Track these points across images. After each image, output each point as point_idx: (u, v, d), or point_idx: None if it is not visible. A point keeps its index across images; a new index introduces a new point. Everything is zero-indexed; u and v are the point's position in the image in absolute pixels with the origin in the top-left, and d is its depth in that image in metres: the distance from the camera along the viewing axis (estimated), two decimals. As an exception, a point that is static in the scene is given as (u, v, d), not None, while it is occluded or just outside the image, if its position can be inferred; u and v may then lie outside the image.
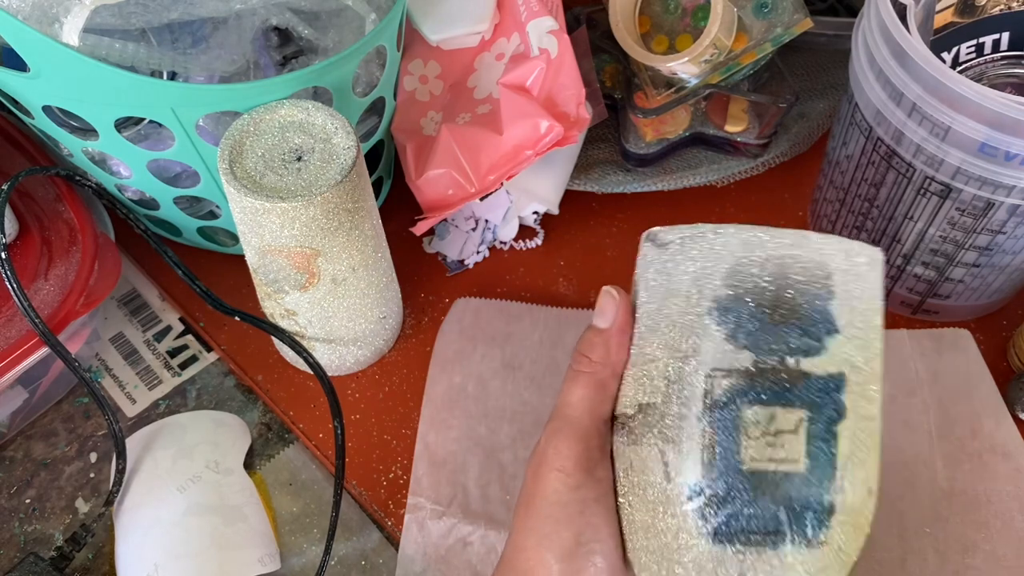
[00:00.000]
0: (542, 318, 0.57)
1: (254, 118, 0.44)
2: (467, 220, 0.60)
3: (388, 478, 0.51)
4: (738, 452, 0.30)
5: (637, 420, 0.32)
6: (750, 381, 0.30)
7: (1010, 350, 0.54)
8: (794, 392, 0.30)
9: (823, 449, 0.30)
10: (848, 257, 0.32)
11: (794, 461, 0.29)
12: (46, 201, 0.53)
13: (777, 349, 0.30)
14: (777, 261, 0.31)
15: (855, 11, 0.69)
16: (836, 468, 0.30)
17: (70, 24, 0.42)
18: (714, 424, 0.30)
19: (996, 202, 0.45)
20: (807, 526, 0.30)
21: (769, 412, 0.30)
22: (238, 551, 0.47)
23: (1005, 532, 0.47)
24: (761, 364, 0.30)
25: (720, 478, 0.30)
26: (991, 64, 0.54)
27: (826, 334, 0.30)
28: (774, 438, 0.30)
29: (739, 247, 0.32)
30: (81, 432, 0.53)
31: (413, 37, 0.60)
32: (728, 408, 0.30)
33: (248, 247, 0.47)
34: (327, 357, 0.53)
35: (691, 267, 0.32)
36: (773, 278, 0.31)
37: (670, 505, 0.31)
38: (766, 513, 0.29)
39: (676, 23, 0.57)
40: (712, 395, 0.30)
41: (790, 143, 0.62)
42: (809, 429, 0.30)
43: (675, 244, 0.33)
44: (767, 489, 0.29)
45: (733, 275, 0.31)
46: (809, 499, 0.30)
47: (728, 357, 0.30)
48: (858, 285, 0.31)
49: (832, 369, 0.30)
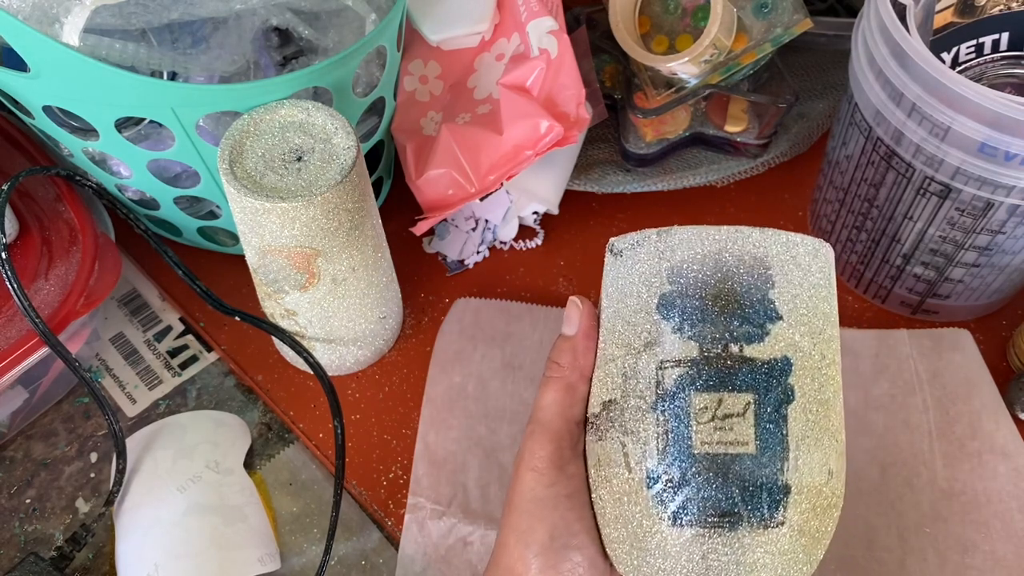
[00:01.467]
0: (542, 318, 0.57)
1: (254, 118, 0.44)
2: (467, 220, 0.60)
3: (388, 478, 0.51)
4: (690, 437, 0.31)
5: (602, 417, 0.34)
6: (697, 369, 0.32)
7: (1010, 350, 0.54)
8: (739, 377, 0.31)
9: (773, 431, 0.31)
10: (787, 248, 0.33)
11: (744, 444, 0.31)
12: (46, 201, 0.53)
13: (720, 337, 0.32)
14: (716, 256, 0.33)
15: (855, 11, 0.69)
16: (788, 449, 0.31)
17: (70, 24, 0.42)
18: (666, 412, 0.32)
19: (996, 202, 0.45)
20: (762, 506, 0.30)
21: (716, 397, 0.31)
22: (238, 551, 0.47)
23: (1005, 532, 0.47)
24: (706, 352, 0.32)
25: (674, 463, 0.31)
26: (991, 64, 0.54)
27: (768, 321, 0.32)
28: (723, 422, 0.31)
29: (680, 245, 0.34)
30: (81, 432, 0.53)
31: (413, 37, 0.60)
32: (678, 396, 0.31)
33: (248, 247, 0.47)
34: (327, 357, 0.53)
35: (639, 268, 0.35)
36: (713, 271, 0.33)
37: (633, 493, 0.32)
38: (720, 495, 0.30)
39: (676, 23, 0.57)
40: (663, 385, 0.32)
41: (790, 143, 0.62)
42: (757, 412, 0.31)
43: (627, 250, 0.36)
44: (720, 472, 0.31)
45: (676, 272, 0.33)
46: (761, 479, 0.30)
47: (676, 348, 0.32)
48: (799, 273, 0.33)
49: (776, 354, 0.31)
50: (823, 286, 0.33)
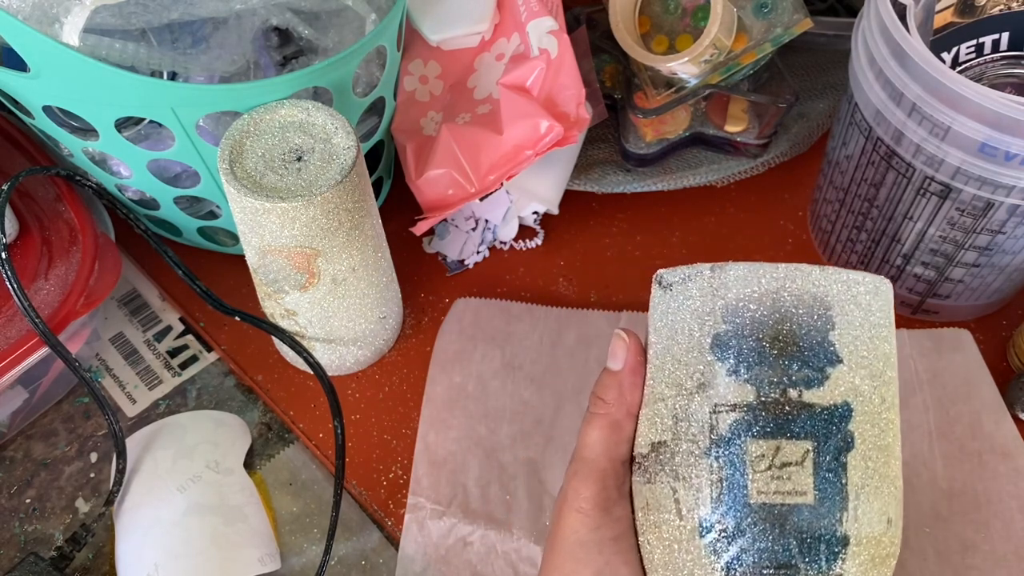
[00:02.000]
0: (542, 318, 0.57)
1: (254, 118, 0.44)
2: (467, 220, 0.60)
3: (388, 478, 0.51)
4: (745, 486, 0.30)
5: (651, 459, 0.33)
6: (754, 414, 0.30)
7: (1010, 350, 0.54)
8: (798, 424, 0.30)
9: (832, 480, 0.30)
10: (848, 287, 0.32)
11: (802, 493, 0.29)
12: (46, 201, 0.53)
13: (778, 381, 0.30)
14: (774, 295, 0.31)
15: (855, 11, 0.69)
16: (847, 499, 0.30)
17: (70, 24, 0.42)
18: (721, 459, 0.30)
19: (996, 202, 0.45)
20: (820, 558, 0.29)
21: (774, 445, 0.30)
22: (238, 551, 0.47)
23: (1005, 532, 0.47)
24: (763, 397, 0.30)
25: (729, 512, 0.30)
26: (991, 64, 0.54)
27: (828, 364, 0.30)
28: (780, 471, 0.30)
29: (736, 283, 0.32)
30: (81, 432, 0.53)
31: (413, 37, 0.60)
32: (733, 442, 0.30)
33: (248, 247, 0.47)
34: (327, 357, 0.53)
35: (691, 305, 0.33)
36: (771, 312, 0.31)
37: (684, 541, 0.31)
38: (777, 547, 0.29)
39: (676, 23, 0.57)
40: (717, 430, 0.30)
41: (790, 143, 0.62)
42: (816, 460, 0.30)
43: (677, 284, 0.34)
44: (777, 522, 0.29)
45: (731, 311, 0.32)
46: (820, 531, 0.29)
47: (731, 392, 0.31)
48: (860, 314, 0.31)
49: (836, 399, 0.30)
50: (883, 326, 0.32)
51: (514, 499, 0.49)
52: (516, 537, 0.48)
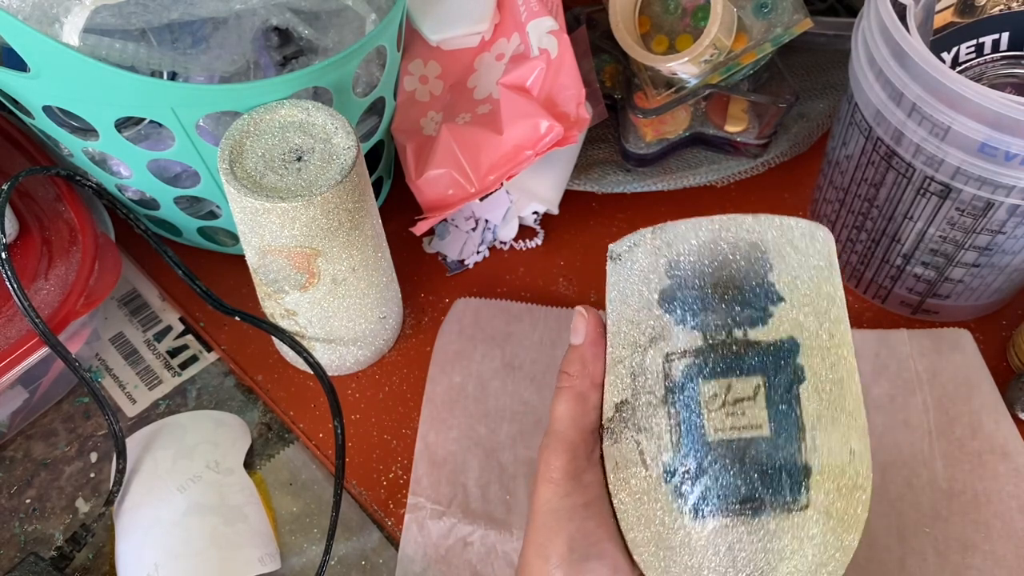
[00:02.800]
0: (542, 318, 0.57)
1: (254, 118, 0.44)
2: (467, 220, 0.60)
3: (388, 478, 0.51)
4: (702, 426, 0.30)
5: (615, 420, 0.34)
6: (703, 358, 0.31)
7: (1010, 350, 0.54)
8: (746, 361, 0.31)
9: (786, 412, 0.30)
10: (783, 232, 0.32)
11: (758, 427, 0.30)
12: (46, 201, 0.53)
13: (723, 324, 0.31)
14: (711, 245, 0.32)
15: (855, 11, 0.69)
16: (804, 429, 0.30)
17: (70, 24, 0.42)
18: (676, 404, 0.31)
19: (996, 202, 0.45)
20: (784, 489, 0.30)
21: (725, 383, 0.30)
22: (238, 551, 0.47)
23: (1005, 532, 0.47)
24: (710, 340, 0.31)
25: (690, 454, 0.30)
26: (991, 64, 0.54)
27: (769, 303, 0.31)
28: (734, 407, 0.30)
29: (676, 239, 0.33)
30: (81, 432, 0.53)
31: (413, 37, 0.60)
32: (687, 387, 0.31)
33: (248, 247, 0.47)
34: (327, 357, 0.53)
35: (638, 267, 0.34)
36: (710, 261, 0.32)
37: (651, 491, 0.31)
38: (739, 481, 0.30)
39: (676, 23, 0.57)
40: (671, 377, 0.31)
41: (790, 143, 0.62)
42: (768, 394, 0.30)
43: (625, 253, 0.35)
44: (736, 457, 0.30)
45: (673, 265, 0.33)
46: (779, 461, 0.30)
47: (680, 340, 0.32)
48: (797, 256, 0.32)
49: (781, 335, 0.31)
50: (824, 267, 0.33)
51: (514, 499, 0.49)
52: (516, 537, 0.48)
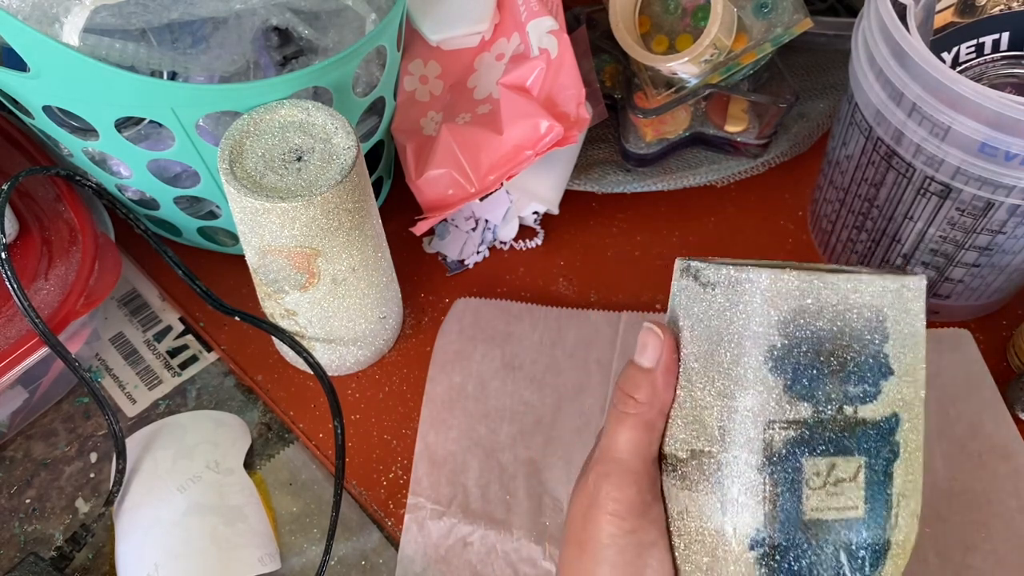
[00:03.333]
0: (542, 318, 0.57)
1: (254, 118, 0.44)
2: (467, 220, 0.60)
3: (388, 478, 0.51)
4: (799, 503, 0.30)
5: (691, 466, 0.32)
6: (809, 432, 0.30)
7: (1010, 350, 0.54)
8: (852, 440, 0.30)
9: (879, 491, 0.30)
10: (900, 295, 0.31)
11: (854, 508, 0.30)
12: (46, 201, 0.53)
13: (836, 398, 0.30)
14: (832, 307, 0.30)
15: (855, 11, 0.69)
16: (891, 507, 0.30)
17: (70, 24, 0.42)
18: (775, 476, 0.30)
19: (996, 202, 0.45)
20: (865, 566, 0.30)
21: (829, 462, 0.30)
22: (238, 551, 0.47)
23: (1005, 532, 0.47)
24: (820, 415, 0.30)
25: (781, 528, 0.30)
26: (991, 64, 0.54)
27: (882, 378, 0.30)
28: (835, 487, 0.30)
29: (794, 294, 0.31)
30: (81, 432, 0.53)
31: (413, 37, 0.60)
32: (788, 460, 0.30)
33: (248, 247, 0.47)
34: (327, 357, 0.53)
35: (742, 311, 0.31)
36: (828, 325, 0.30)
37: (730, 553, 0.30)
38: (825, 559, 0.29)
39: (676, 23, 0.57)
40: (772, 447, 0.30)
41: (790, 143, 0.62)
42: (867, 475, 0.30)
43: (722, 285, 0.32)
44: (828, 536, 0.30)
45: (788, 323, 0.30)
46: (867, 541, 0.30)
47: (786, 408, 0.30)
48: (908, 320, 0.31)
49: (888, 412, 0.30)
50: (921, 329, 0.31)
51: (514, 499, 0.49)
52: (516, 537, 0.48)
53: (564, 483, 0.49)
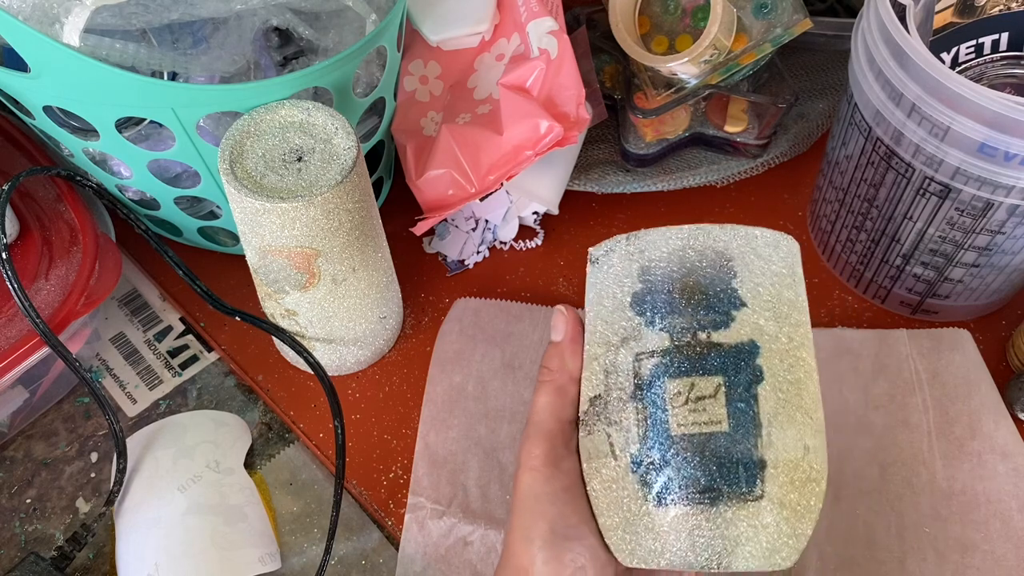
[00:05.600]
0: (542, 318, 0.57)
1: (254, 118, 0.44)
2: (467, 220, 0.61)
3: (388, 478, 0.51)
4: (667, 421, 0.33)
5: (589, 413, 0.36)
6: (669, 358, 0.34)
7: (1009, 350, 0.54)
8: (708, 361, 0.33)
9: (744, 410, 0.32)
10: (748, 242, 0.36)
11: (717, 423, 0.32)
12: (47, 201, 0.53)
13: (689, 327, 0.34)
14: (680, 253, 0.36)
15: (855, 11, 0.69)
16: (760, 426, 0.32)
17: (71, 24, 0.42)
18: (644, 400, 0.34)
19: (995, 202, 0.45)
20: (740, 480, 0.32)
21: (689, 382, 0.33)
22: (238, 551, 0.47)
23: (1004, 532, 0.47)
24: (677, 341, 0.34)
25: (654, 446, 0.33)
26: (991, 64, 0.54)
27: (732, 308, 0.34)
28: (696, 404, 0.33)
29: (648, 247, 0.36)
30: (82, 432, 0.54)
31: (413, 37, 0.60)
32: (654, 384, 0.33)
33: (248, 247, 0.47)
34: (327, 357, 0.53)
35: (613, 271, 0.37)
36: (679, 267, 0.35)
37: (620, 480, 0.34)
38: (699, 472, 0.32)
39: (676, 23, 0.58)
40: (640, 375, 0.34)
41: (790, 143, 0.62)
42: (728, 393, 0.33)
43: (602, 257, 0.38)
44: (697, 450, 0.32)
45: (645, 271, 0.36)
46: (737, 455, 0.32)
47: (649, 341, 0.34)
48: (760, 264, 0.35)
49: (742, 338, 0.33)
50: (786, 275, 0.35)
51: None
52: (516, 537, 0.48)
53: (564, 483, 0.50)
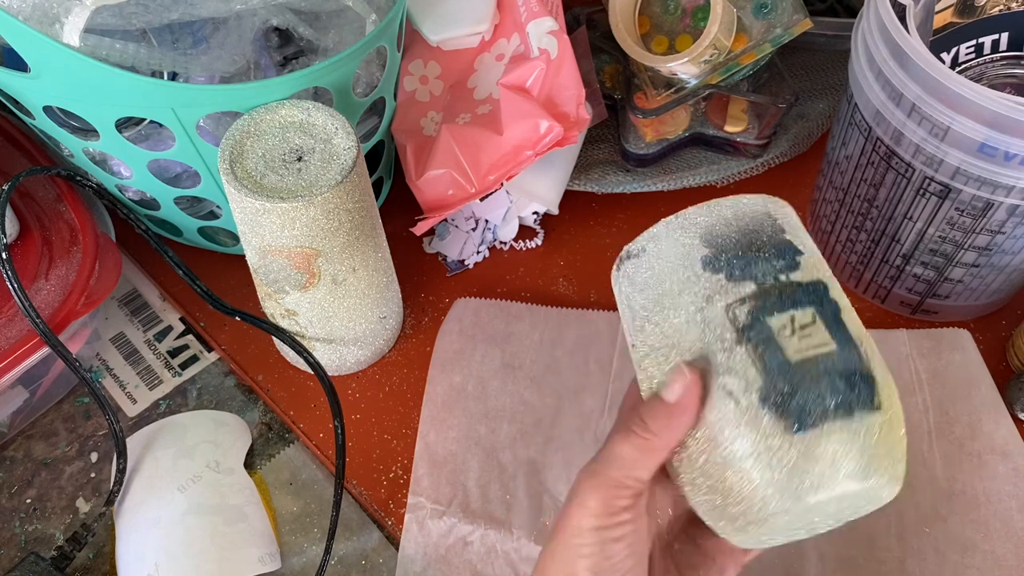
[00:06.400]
0: (542, 318, 0.57)
1: (254, 118, 0.44)
2: (467, 220, 0.61)
3: (388, 478, 0.51)
4: (783, 352, 0.33)
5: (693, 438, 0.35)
6: (762, 300, 0.35)
7: (1009, 350, 0.54)
8: (797, 296, 0.35)
9: (841, 332, 0.34)
10: (773, 204, 0.38)
11: (826, 343, 0.33)
12: (47, 201, 0.53)
13: (769, 271, 0.35)
14: (731, 219, 0.37)
15: (855, 11, 0.69)
16: (858, 346, 0.34)
17: (71, 24, 0.42)
18: (752, 340, 0.34)
19: (995, 202, 0.45)
20: (860, 390, 0.33)
21: (788, 315, 0.34)
22: (238, 551, 0.47)
23: (1004, 532, 0.47)
24: (762, 286, 0.35)
25: (779, 377, 0.33)
26: (990, 64, 0.54)
27: (796, 255, 0.36)
28: (802, 331, 0.34)
29: (700, 218, 0.38)
30: (82, 432, 0.54)
31: (413, 37, 0.60)
32: (756, 325, 0.34)
33: (248, 247, 0.47)
34: (327, 357, 0.53)
35: (670, 249, 0.37)
36: (737, 228, 0.37)
37: (753, 421, 0.33)
38: (828, 390, 0.33)
39: (676, 23, 0.58)
40: (738, 322, 0.34)
41: (790, 143, 0.62)
42: (824, 320, 0.34)
43: (649, 245, 0.38)
44: (818, 372, 0.33)
45: (707, 240, 0.37)
46: (852, 368, 0.33)
47: (735, 291, 0.35)
48: (790, 221, 0.37)
49: (814, 277, 0.35)
50: (801, 227, 0.38)
51: (514, 499, 0.49)
52: (516, 537, 0.48)
53: (564, 482, 0.50)
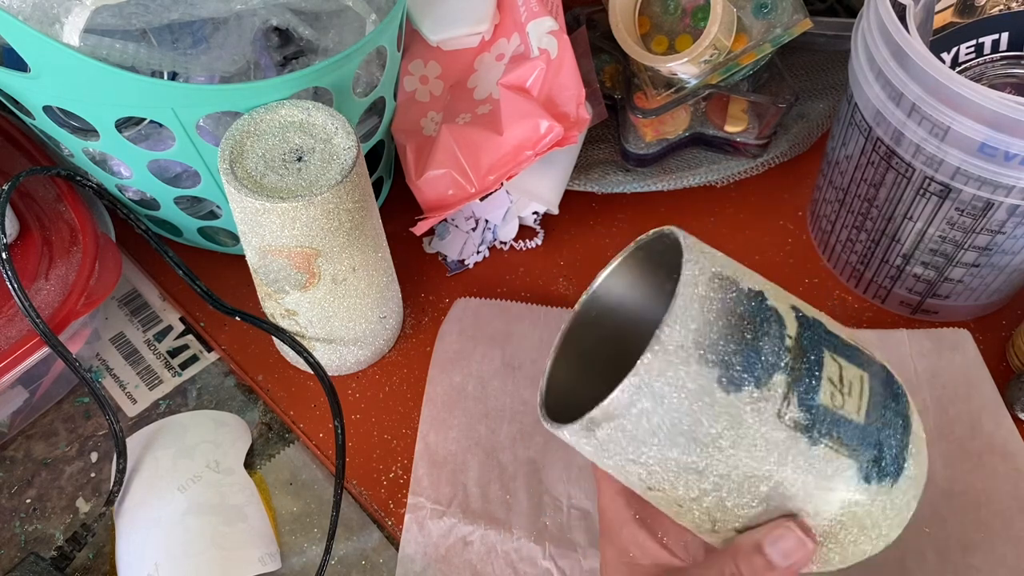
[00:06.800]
0: (542, 318, 0.57)
1: (254, 118, 0.44)
2: (467, 220, 0.60)
3: (388, 478, 0.51)
4: (848, 420, 0.32)
5: None
6: (797, 385, 0.30)
7: (1009, 350, 0.54)
8: (809, 353, 0.32)
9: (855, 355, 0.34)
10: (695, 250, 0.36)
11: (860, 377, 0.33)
12: (47, 201, 0.53)
13: (775, 348, 0.32)
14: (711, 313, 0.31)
15: (855, 11, 0.69)
16: (865, 351, 0.35)
17: (71, 24, 0.42)
18: (824, 433, 0.31)
19: (995, 202, 0.45)
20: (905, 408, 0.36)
21: (826, 379, 0.31)
22: (238, 551, 0.47)
23: (1005, 532, 0.47)
24: (786, 369, 0.31)
25: (863, 445, 0.32)
26: (991, 64, 0.54)
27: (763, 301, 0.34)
28: (840, 383, 0.32)
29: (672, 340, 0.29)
30: (82, 432, 0.54)
31: (413, 37, 0.60)
32: (816, 413, 0.31)
33: (248, 247, 0.47)
34: (327, 357, 0.53)
35: (669, 395, 0.29)
36: (722, 321, 0.31)
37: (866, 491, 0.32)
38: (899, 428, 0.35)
39: (676, 23, 0.58)
40: (799, 423, 0.30)
41: (790, 143, 0.62)
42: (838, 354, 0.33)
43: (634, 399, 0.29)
44: (884, 416, 0.34)
45: (704, 355, 0.29)
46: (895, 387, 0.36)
47: (767, 394, 0.30)
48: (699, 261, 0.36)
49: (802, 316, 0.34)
50: (703, 248, 0.38)
51: (514, 499, 0.49)
52: (516, 537, 0.48)
53: (564, 483, 0.50)
